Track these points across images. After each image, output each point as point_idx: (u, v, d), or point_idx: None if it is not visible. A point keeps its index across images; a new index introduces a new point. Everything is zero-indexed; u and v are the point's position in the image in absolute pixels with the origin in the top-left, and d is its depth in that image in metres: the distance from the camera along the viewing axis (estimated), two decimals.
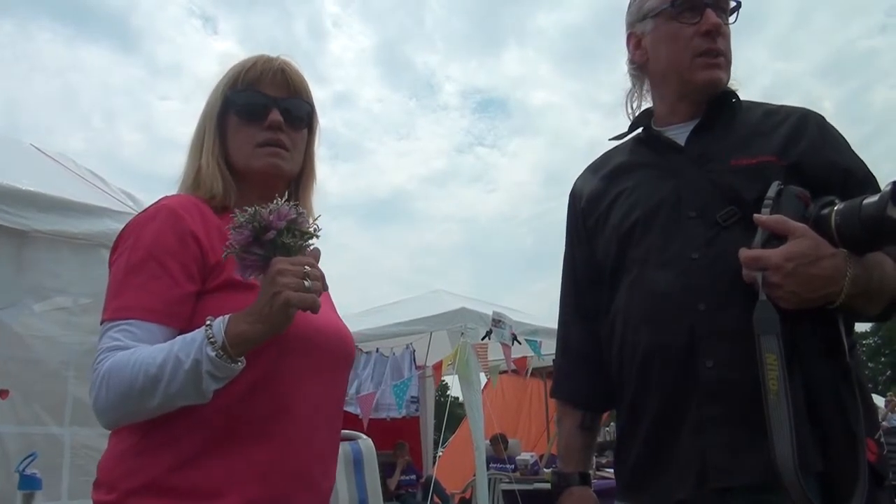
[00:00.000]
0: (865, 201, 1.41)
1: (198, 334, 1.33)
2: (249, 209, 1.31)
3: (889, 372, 71.00)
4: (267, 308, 1.30)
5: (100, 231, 3.77)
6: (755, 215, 1.53)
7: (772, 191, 1.54)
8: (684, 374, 1.58)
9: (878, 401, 20.62)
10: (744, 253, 1.51)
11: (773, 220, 1.50)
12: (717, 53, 1.74)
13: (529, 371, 9.44)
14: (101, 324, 1.46)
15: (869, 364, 72.77)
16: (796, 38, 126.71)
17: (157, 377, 1.32)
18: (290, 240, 1.33)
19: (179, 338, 1.36)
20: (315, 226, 1.37)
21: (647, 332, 1.65)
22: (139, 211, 3.78)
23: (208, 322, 1.33)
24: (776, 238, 1.49)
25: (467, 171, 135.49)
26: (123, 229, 1.56)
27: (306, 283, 1.30)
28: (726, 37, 1.75)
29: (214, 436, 1.43)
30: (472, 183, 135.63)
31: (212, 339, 1.31)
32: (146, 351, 1.36)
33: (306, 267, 1.31)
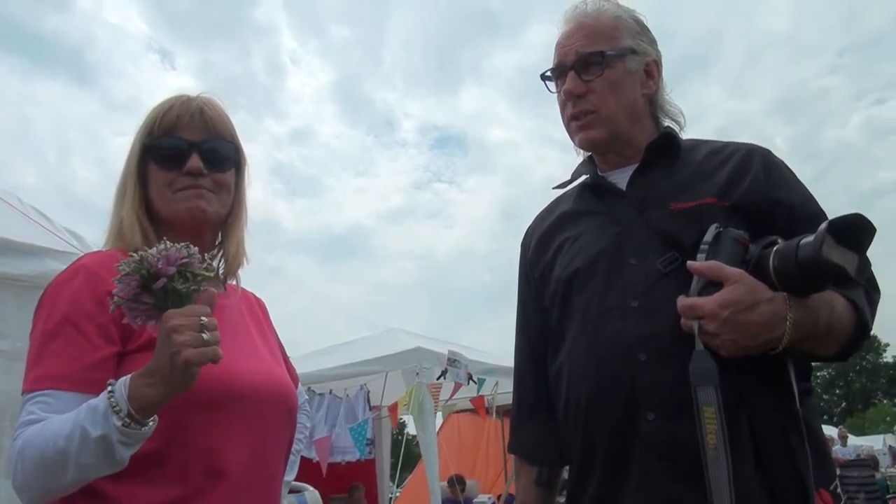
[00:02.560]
0: (802, 241, 1.37)
1: (101, 402, 1.25)
2: (136, 255, 1.24)
3: (844, 404, 72.17)
4: (167, 368, 1.22)
5: (41, 272, 3.63)
6: (689, 262, 1.50)
7: (709, 235, 1.50)
8: (627, 427, 1.53)
9: (832, 431, 20.93)
10: (680, 301, 1.47)
11: (707, 266, 1.46)
12: (582, 114, 1.74)
13: (493, 412, 9.35)
14: (22, 395, 1.39)
15: (823, 396, 74.14)
16: (749, 77, 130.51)
17: (65, 450, 1.25)
18: (183, 285, 1.25)
19: (84, 406, 1.28)
20: (208, 263, 1.30)
21: (589, 384, 1.61)
22: (83, 251, 3.66)
23: (109, 389, 1.26)
24: (713, 285, 1.45)
25: (425, 208, 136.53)
26: (44, 291, 1.50)
27: (204, 335, 1.23)
28: (598, 91, 1.72)
29: (147, 502, 1.37)
30: (429, 219, 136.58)
31: (116, 408, 1.23)
32: (55, 423, 1.29)
33: (202, 318, 1.24)
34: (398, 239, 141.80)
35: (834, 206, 1.53)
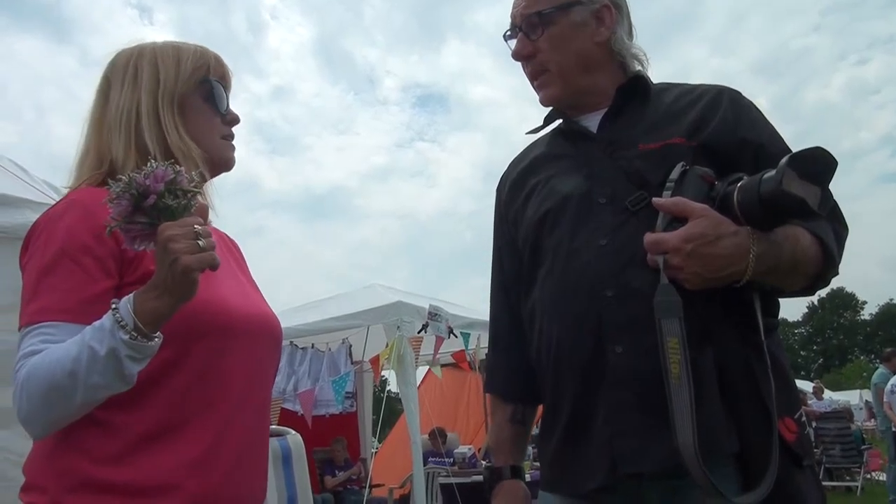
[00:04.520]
0: (765, 176, 1.39)
1: (106, 321, 1.28)
2: (124, 177, 1.25)
3: (821, 360, 73.23)
4: (168, 278, 1.26)
5: (19, 223, 3.59)
6: (654, 199, 1.52)
7: (675, 173, 1.53)
8: (594, 362, 1.57)
9: (808, 386, 21.28)
10: (646, 237, 1.50)
11: (672, 202, 1.49)
12: (537, 74, 1.78)
13: (478, 366, 9.39)
14: (19, 330, 1.40)
15: (801, 352, 75.14)
16: (732, 36, 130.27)
17: (74, 372, 1.27)
18: (173, 201, 1.27)
19: (88, 328, 1.30)
20: (195, 179, 1.32)
21: (559, 322, 1.64)
22: None
23: (114, 305, 1.28)
24: (678, 220, 1.47)
25: (407, 167, 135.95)
26: (32, 228, 1.50)
27: (200, 242, 1.26)
28: (544, 49, 1.75)
29: (147, 428, 1.41)
30: (411, 178, 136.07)
31: (122, 323, 1.26)
32: (59, 349, 1.31)
33: (196, 226, 1.27)
34: (380, 198, 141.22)
35: None
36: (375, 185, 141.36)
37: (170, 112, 1.60)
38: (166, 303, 1.28)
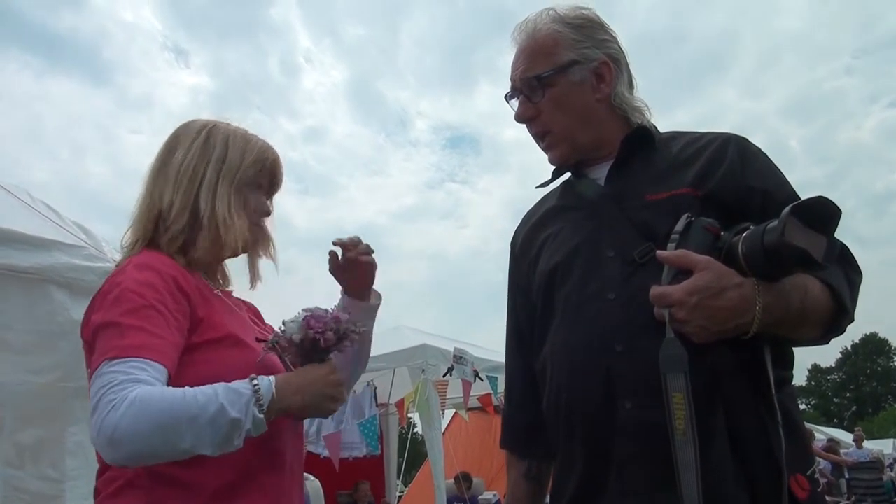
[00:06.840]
0: (769, 226, 1.37)
1: (243, 389, 1.40)
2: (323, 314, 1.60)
3: (854, 407, 71.70)
4: (322, 402, 1.54)
5: (49, 265, 3.63)
6: (658, 252, 1.50)
7: (680, 224, 1.51)
8: (605, 416, 1.55)
9: (846, 436, 20.76)
10: (651, 290, 1.47)
11: (675, 255, 1.47)
12: (541, 135, 1.80)
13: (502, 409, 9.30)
14: (95, 365, 1.44)
15: (834, 399, 73.57)
16: (764, 78, 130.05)
17: (196, 418, 1.34)
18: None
19: (220, 385, 1.40)
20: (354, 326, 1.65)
21: (569, 376, 1.63)
22: (92, 244, 3.61)
23: (255, 383, 1.42)
24: (683, 273, 1.45)
25: (438, 207, 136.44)
26: (107, 287, 1.56)
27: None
28: (546, 111, 1.76)
29: (220, 485, 1.51)
30: (442, 219, 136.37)
31: (260, 402, 1.39)
32: (181, 391, 1.38)
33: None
34: (410, 238, 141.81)
35: (847, 209, 1.49)
36: (406, 225, 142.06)
37: (226, 188, 1.72)
38: (299, 407, 1.51)
